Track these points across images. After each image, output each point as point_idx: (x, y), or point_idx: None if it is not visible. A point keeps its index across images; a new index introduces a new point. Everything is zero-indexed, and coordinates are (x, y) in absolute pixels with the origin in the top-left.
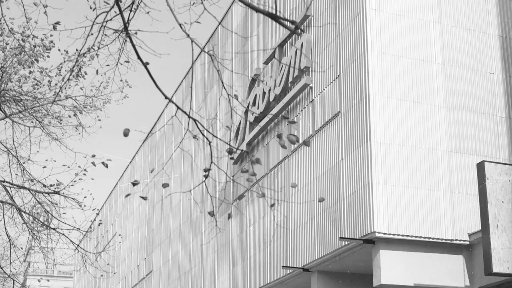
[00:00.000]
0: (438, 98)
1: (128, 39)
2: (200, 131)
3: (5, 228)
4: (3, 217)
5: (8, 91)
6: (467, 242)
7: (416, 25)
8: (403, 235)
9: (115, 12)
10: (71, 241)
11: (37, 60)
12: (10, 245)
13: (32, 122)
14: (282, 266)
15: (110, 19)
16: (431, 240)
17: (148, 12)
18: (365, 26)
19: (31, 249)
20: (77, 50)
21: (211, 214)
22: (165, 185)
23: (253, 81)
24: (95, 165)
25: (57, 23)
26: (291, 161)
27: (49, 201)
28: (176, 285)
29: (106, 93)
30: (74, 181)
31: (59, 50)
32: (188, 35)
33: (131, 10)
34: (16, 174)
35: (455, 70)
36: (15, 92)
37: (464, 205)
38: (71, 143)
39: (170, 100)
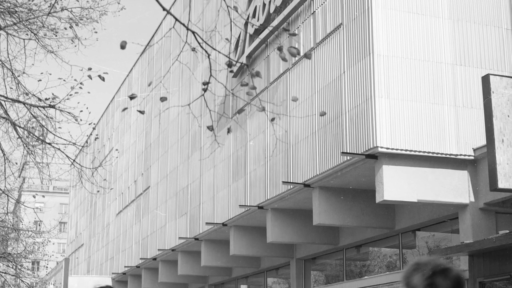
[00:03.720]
0: (443, 9)
1: None
2: (199, 43)
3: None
4: None
5: (2, 2)
6: (472, 157)
7: None
8: (406, 150)
9: None
10: (67, 156)
11: None
12: (5, 160)
13: (27, 34)
14: (283, 182)
15: None
16: (435, 155)
17: None
18: None
19: (26, 164)
20: None
21: (210, 128)
22: (163, 99)
23: None
24: (91, 78)
25: None
26: (292, 74)
27: (45, 115)
28: (174, 201)
29: (102, 4)
30: (70, 95)
31: None
32: None
33: None
34: (11, 88)
35: None
36: (10, 3)
37: (469, 119)
38: (67, 56)
39: (168, 12)
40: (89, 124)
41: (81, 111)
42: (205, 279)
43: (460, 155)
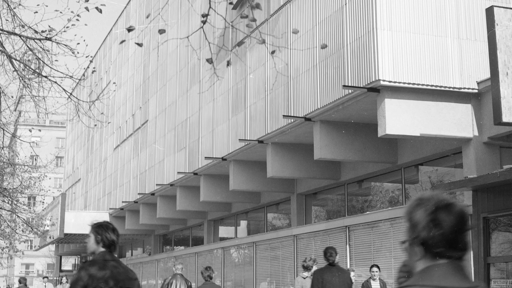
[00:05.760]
0: None
1: None
2: None
3: None
4: None
5: None
6: (476, 91)
7: None
8: (409, 83)
9: None
10: (63, 89)
11: None
12: (0, 93)
13: None
14: (283, 116)
15: None
16: (438, 88)
17: None
18: None
19: (22, 98)
20: None
21: (209, 61)
22: (161, 31)
23: None
24: (88, 10)
25: None
26: (293, 6)
27: (41, 47)
28: (172, 135)
29: None
30: (67, 27)
31: None
32: None
33: None
34: (6, 20)
35: None
36: None
37: (472, 52)
38: None
39: None
40: (86, 57)
41: (78, 43)
42: (204, 215)
43: (464, 88)
